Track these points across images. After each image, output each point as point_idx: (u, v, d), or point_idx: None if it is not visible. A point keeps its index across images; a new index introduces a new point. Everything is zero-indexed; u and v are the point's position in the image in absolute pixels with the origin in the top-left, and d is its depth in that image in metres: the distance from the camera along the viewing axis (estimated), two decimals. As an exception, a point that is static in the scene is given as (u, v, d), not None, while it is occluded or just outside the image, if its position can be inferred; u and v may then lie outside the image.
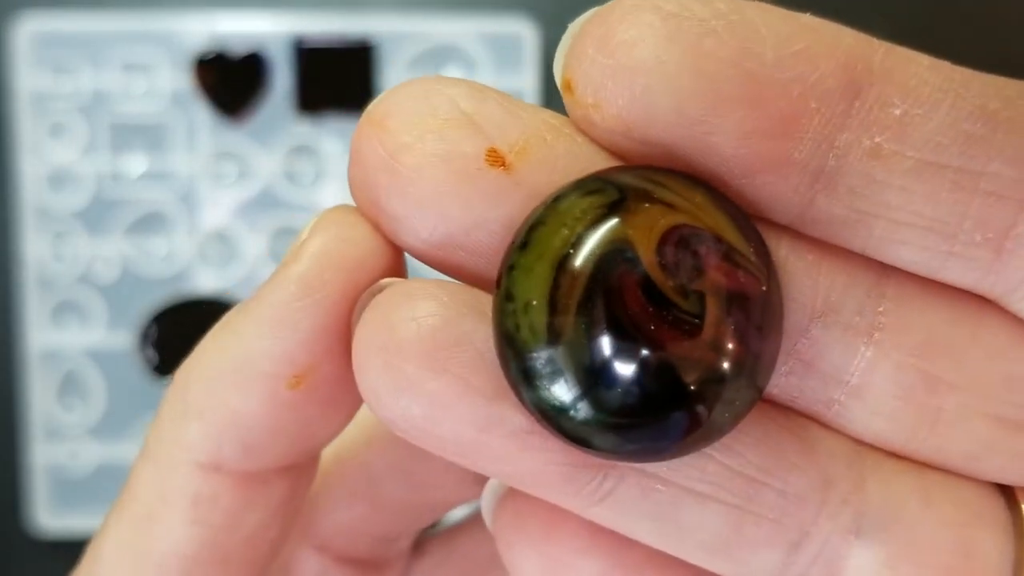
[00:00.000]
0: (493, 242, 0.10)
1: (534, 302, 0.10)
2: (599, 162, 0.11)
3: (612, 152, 0.11)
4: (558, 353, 0.10)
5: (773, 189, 0.10)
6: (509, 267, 0.10)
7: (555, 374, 0.10)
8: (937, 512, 0.11)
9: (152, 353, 0.39)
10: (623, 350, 0.10)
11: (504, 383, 0.10)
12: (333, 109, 0.39)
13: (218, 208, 0.39)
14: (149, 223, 0.39)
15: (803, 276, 0.11)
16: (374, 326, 0.10)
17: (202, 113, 0.39)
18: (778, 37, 0.10)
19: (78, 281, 0.39)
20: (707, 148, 0.10)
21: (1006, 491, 0.12)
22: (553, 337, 0.10)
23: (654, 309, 0.10)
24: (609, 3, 0.10)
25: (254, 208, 0.39)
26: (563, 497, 0.11)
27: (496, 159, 0.10)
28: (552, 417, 0.10)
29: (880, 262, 0.11)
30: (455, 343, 0.10)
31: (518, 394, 0.10)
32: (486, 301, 0.10)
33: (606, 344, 0.10)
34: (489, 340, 0.10)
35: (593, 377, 0.10)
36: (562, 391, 0.10)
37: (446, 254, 0.11)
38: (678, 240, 0.10)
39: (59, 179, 0.39)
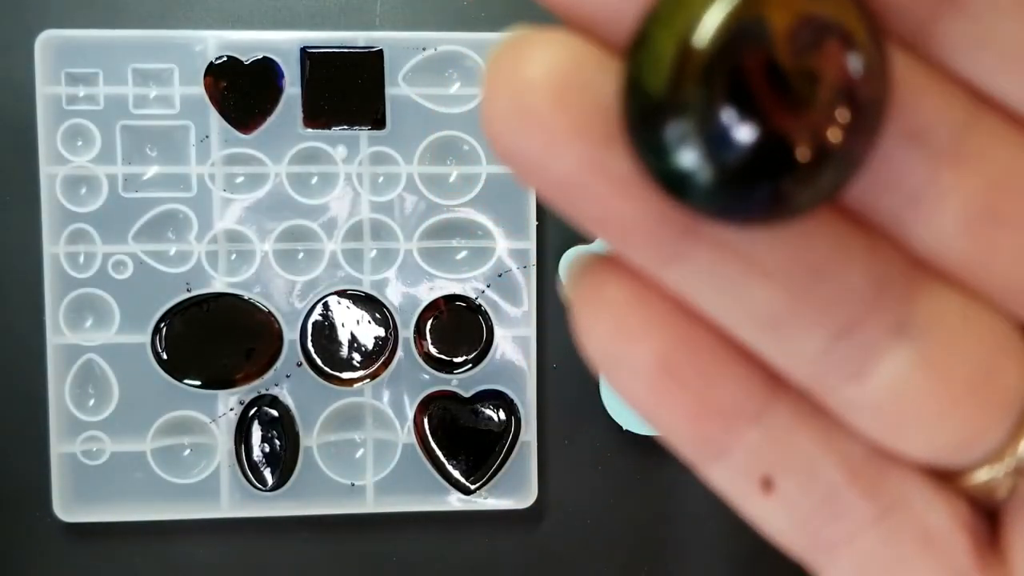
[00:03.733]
0: None
1: (665, 55, 0.10)
2: None
3: None
4: (676, 107, 0.10)
5: (905, 1, 0.11)
6: (647, 17, 0.11)
7: (668, 126, 0.10)
8: (973, 333, 0.12)
9: (163, 350, 0.40)
10: (737, 118, 0.10)
11: (618, 131, 0.11)
12: (340, 116, 0.40)
13: (228, 211, 0.40)
14: (161, 225, 0.40)
15: (911, 93, 0.11)
16: (508, 60, 0.11)
17: (214, 119, 0.40)
18: None
19: (93, 280, 0.40)
20: None
21: None
22: (675, 92, 0.10)
23: (775, 86, 0.10)
24: None
25: (263, 211, 0.40)
26: (643, 250, 0.12)
27: None
28: (656, 166, 0.11)
29: (978, 98, 0.12)
30: (580, 86, 0.11)
31: (630, 139, 0.11)
32: (613, 60, 0.11)
33: (723, 110, 0.10)
34: (609, 91, 0.11)
35: (701, 136, 0.10)
36: (670, 141, 0.10)
37: (586, 4, 0.11)
38: (812, 28, 0.10)
39: (76, 183, 0.40)
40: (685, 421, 0.12)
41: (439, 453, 0.41)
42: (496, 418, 0.41)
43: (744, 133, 0.10)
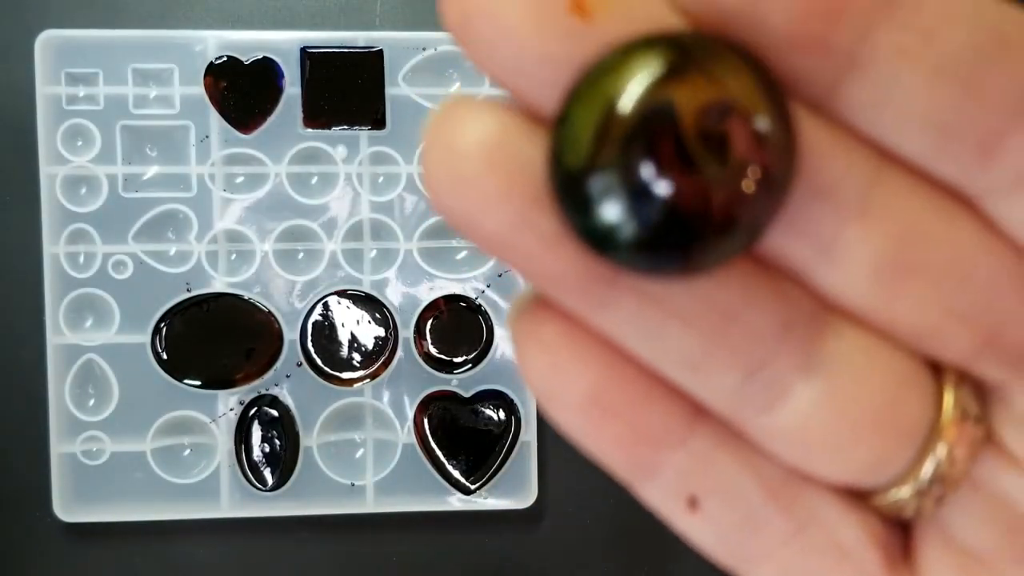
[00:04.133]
0: (558, 78, 0.12)
1: (585, 131, 0.12)
2: (670, 22, 0.12)
3: (682, 13, 0.12)
4: (595, 174, 0.12)
5: (811, 67, 0.12)
6: (570, 97, 0.12)
7: (588, 192, 0.12)
8: (877, 369, 0.13)
9: (163, 350, 0.40)
10: (647, 189, 0.12)
11: (544, 193, 0.12)
12: (340, 116, 0.40)
13: (228, 211, 0.40)
14: (161, 225, 0.40)
15: (820, 152, 0.12)
16: (444, 127, 0.12)
17: (214, 119, 0.40)
18: None
19: (93, 280, 0.40)
20: (764, 23, 0.12)
21: (936, 371, 0.14)
22: (594, 161, 0.12)
23: (681, 160, 0.12)
24: None
25: (263, 211, 0.40)
26: (572, 298, 0.13)
27: (579, 7, 0.12)
28: (579, 225, 0.12)
29: (881, 154, 0.13)
30: (508, 153, 0.12)
31: (556, 202, 0.12)
32: (537, 130, 0.12)
33: (633, 181, 0.12)
34: (534, 157, 0.12)
35: (616, 202, 0.12)
36: (590, 205, 0.12)
37: (517, 80, 0.12)
38: (718, 109, 0.12)
39: (76, 183, 0.40)
40: (616, 447, 0.14)
41: (439, 453, 0.41)
42: (496, 418, 0.41)
43: (654, 202, 0.12)
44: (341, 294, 0.41)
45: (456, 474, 0.41)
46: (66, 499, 0.40)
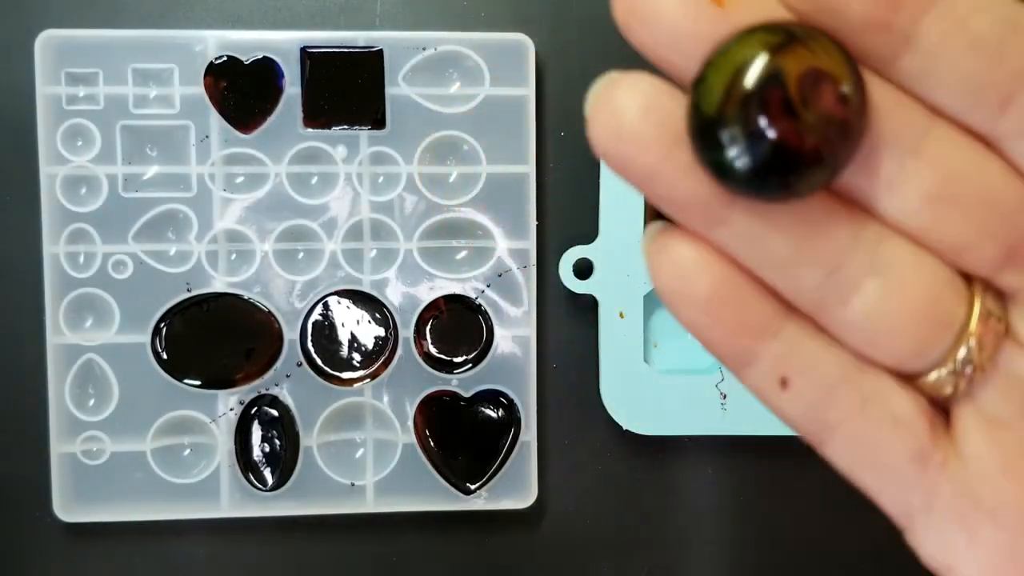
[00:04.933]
0: (699, 51, 0.17)
1: (718, 88, 0.16)
2: (780, 13, 0.17)
3: (788, 7, 0.17)
4: (723, 120, 0.16)
5: (878, 44, 0.17)
6: (707, 63, 0.16)
7: (718, 133, 0.16)
8: (925, 273, 0.18)
9: (163, 349, 0.40)
10: (760, 133, 0.16)
11: (684, 136, 0.17)
12: (340, 116, 0.40)
13: (228, 211, 0.40)
14: (161, 225, 0.40)
15: (885, 109, 0.17)
16: (606, 92, 0.17)
17: (214, 119, 0.40)
18: None
19: (93, 280, 0.40)
20: (846, 11, 0.17)
21: (968, 281, 0.18)
22: (723, 111, 0.16)
23: (788, 113, 0.16)
24: None
25: (263, 211, 0.40)
26: (699, 217, 0.18)
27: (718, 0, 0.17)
28: (708, 159, 0.17)
29: (930, 110, 0.17)
30: (657, 107, 0.17)
31: (693, 142, 0.17)
32: (677, 92, 0.17)
33: (751, 127, 0.16)
34: (676, 111, 0.17)
35: (737, 142, 0.16)
36: (719, 144, 0.16)
37: (669, 52, 0.17)
38: (813, 75, 0.16)
39: (76, 183, 0.40)
40: (726, 337, 0.18)
41: (439, 453, 0.41)
42: (496, 418, 0.41)
43: (765, 142, 0.16)
44: (341, 294, 0.41)
45: (456, 474, 0.41)
46: (66, 499, 0.40)
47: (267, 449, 0.41)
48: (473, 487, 0.41)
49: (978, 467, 0.18)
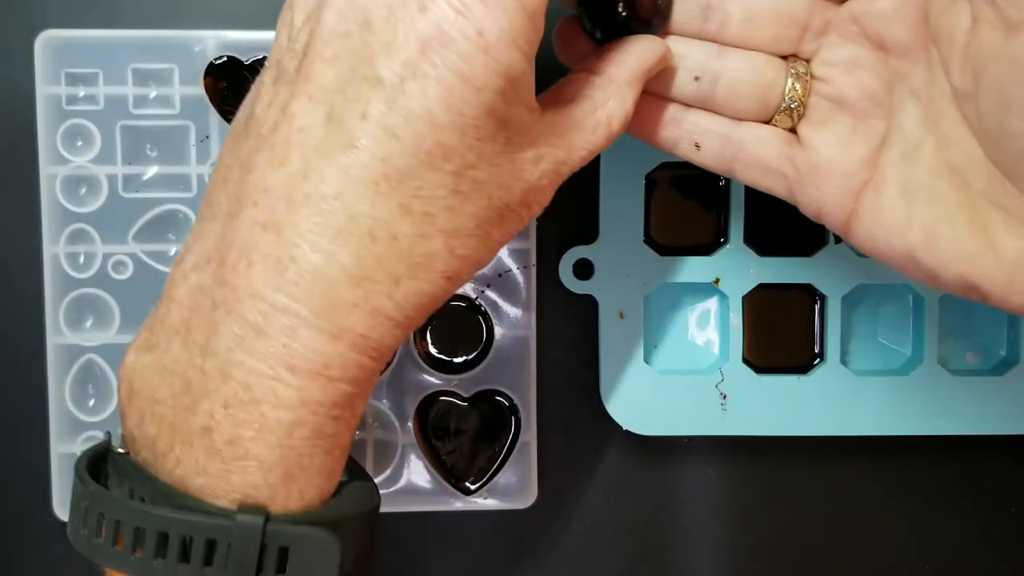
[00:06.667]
0: None
1: None
2: None
3: None
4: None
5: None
6: None
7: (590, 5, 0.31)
8: (755, 60, 0.31)
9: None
10: (620, 6, 0.30)
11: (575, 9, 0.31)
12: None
13: (228, 211, 0.40)
14: (161, 225, 0.40)
15: None
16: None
17: (214, 119, 0.40)
18: None
19: (93, 281, 0.40)
20: None
21: (783, 57, 0.32)
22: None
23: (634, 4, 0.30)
24: None
25: (263, 212, 0.40)
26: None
27: None
28: (586, 24, 0.31)
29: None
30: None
31: (580, 14, 0.31)
32: None
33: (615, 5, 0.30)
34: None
35: (602, 9, 0.31)
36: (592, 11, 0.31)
37: None
38: None
39: (76, 183, 0.40)
40: (659, 131, 0.32)
41: (439, 453, 0.41)
42: (496, 418, 0.41)
43: (621, 8, 0.30)
44: (341, 294, 0.41)
45: (456, 474, 0.41)
46: (66, 499, 0.40)
47: (267, 449, 0.41)
48: (473, 487, 0.41)
49: (816, 147, 0.31)
